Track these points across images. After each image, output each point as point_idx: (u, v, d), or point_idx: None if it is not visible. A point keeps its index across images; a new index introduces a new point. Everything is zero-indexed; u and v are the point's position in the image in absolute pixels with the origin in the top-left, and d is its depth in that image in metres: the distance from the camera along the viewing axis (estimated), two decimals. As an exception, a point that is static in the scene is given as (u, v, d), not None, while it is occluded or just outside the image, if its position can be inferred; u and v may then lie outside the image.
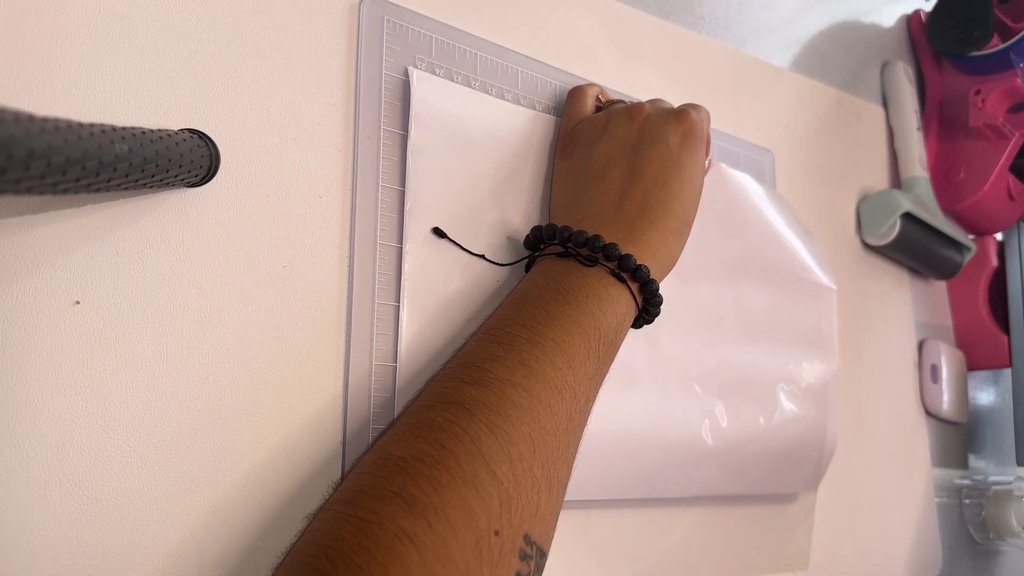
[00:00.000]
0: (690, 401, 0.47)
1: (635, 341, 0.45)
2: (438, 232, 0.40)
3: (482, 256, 0.41)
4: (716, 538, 0.51)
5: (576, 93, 0.46)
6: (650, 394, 0.45)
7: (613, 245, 0.37)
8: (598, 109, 0.46)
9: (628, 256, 0.38)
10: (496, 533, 0.29)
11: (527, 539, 0.30)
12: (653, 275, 0.39)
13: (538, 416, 0.32)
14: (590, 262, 0.38)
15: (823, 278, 0.57)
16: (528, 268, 0.42)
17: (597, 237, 0.38)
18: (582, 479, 0.43)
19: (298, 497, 0.35)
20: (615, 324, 0.37)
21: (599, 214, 0.39)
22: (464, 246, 0.41)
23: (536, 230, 0.40)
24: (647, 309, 0.40)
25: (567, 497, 0.42)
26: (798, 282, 0.55)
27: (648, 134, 0.41)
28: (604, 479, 0.44)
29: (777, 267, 0.54)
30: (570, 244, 0.38)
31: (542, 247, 0.40)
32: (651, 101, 0.45)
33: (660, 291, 0.40)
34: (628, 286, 0.38)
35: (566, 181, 0.43)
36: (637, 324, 0.41)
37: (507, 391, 0.32)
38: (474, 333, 0.37)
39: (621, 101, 0.46)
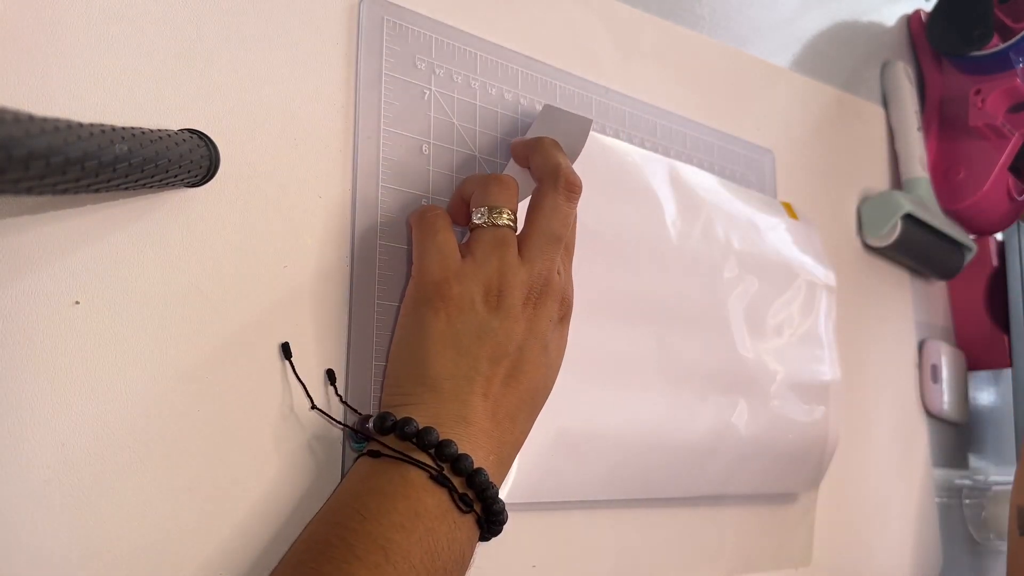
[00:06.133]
0: (692, 400, 0.47)
1: (638, 340, 0.45)
2: None
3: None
4: (718, 535, 0.51)
5: (428, 220, 0.38)
6: (652, 393, 0.45)
7: (496, 491, 0.34)
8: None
9: (502, 509, 0.35)
10: None
11: None
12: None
13: None
14: (466, 506, 0.33)
15: (823, 276, 0.57)
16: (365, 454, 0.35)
17: (482, 473, 0.34)
18: (583, 479, 0.43)
19: (298, 496, 0.35)
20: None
21: (479, 429, 0.35)
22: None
23: (410, 425, 0.33)
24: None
25: (568, 497, 0.43)
26: (799, 281, 0.55)
27: (537, 332, 0.37)
28: (605, 479, 0.44)
29: (778, 266, 0.54)
30: (449, 473, 0.33)
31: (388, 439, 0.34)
32: (534, 246, 0.38)
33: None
34: (481, 530, 0.35)
35: (442, 350, 0.35)
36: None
37: None
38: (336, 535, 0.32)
39: (483, 215, 0.38)
